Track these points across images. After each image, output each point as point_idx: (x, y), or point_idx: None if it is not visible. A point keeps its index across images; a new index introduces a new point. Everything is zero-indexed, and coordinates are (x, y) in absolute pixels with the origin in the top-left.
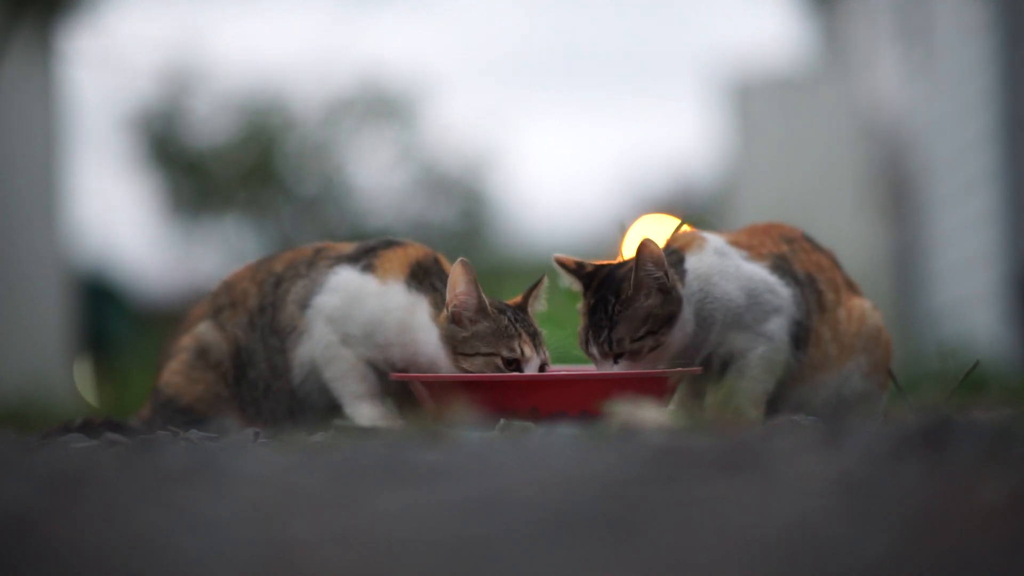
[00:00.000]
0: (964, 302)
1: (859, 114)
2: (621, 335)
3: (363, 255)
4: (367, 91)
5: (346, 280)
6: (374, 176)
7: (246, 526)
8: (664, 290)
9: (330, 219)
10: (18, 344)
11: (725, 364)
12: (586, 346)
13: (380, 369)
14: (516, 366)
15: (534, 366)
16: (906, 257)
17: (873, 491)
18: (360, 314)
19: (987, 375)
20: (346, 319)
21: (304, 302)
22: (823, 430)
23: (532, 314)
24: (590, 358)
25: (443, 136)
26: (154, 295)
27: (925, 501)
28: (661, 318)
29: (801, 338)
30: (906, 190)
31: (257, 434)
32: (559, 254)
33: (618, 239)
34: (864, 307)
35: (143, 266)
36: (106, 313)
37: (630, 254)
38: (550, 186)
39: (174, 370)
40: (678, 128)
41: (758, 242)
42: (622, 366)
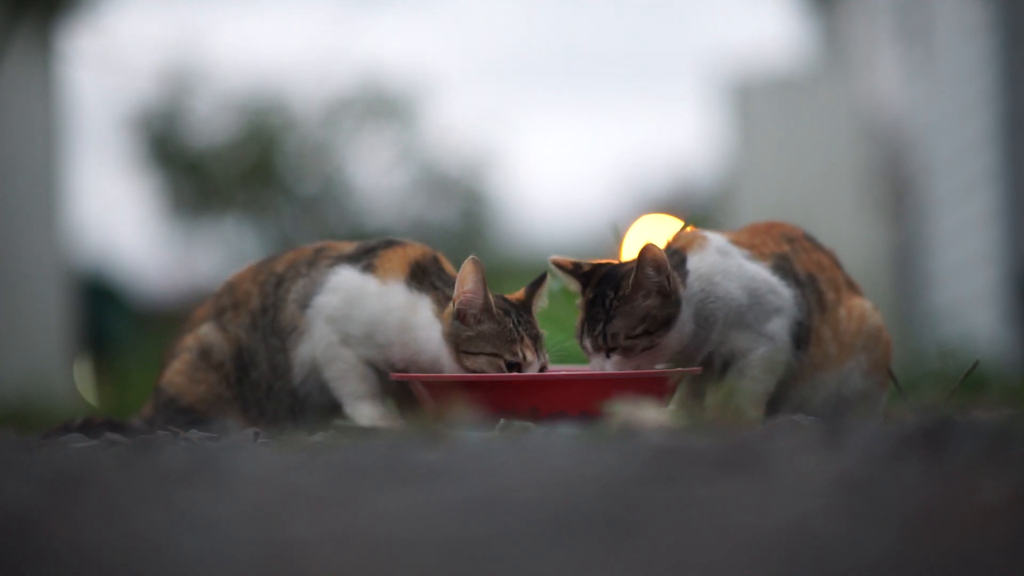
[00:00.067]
0: (964, 302)
1: (859, 114)
2: (616, 330)
3: (363, 255)
4: (367, 91)
5: (346, 280)
6: (374, 176)
7: (246, 526)
8: (664, 293)
9: (330, 219)
10: (18, 344)
11: (726, 364)
12: (580, 338)
13: (380, 369)
14: (517, 369)
15: (534, 368)
16: (906, 257)
17: (873, 491)
18: (361, 314)
19: (987, 375)
20: (346, 319)
21: (305, 302)
22: (823, 430)
23: (535, 312)
24: (582, 351)
25: (443, 136)
26: (154, 295)
27: (925, 501)
28: (659, 320)
29: (802, 338)
30: (906, 190)
31: (257, 434)
32: (555, 256)
33: (613, 243)
34: (864, 307)
35: (143, 266)
36: (106, 313)
37: (629, 256)
38: (550, 186)
39: (176, 370)
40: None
41: (760, 241)
42: (613, 362)
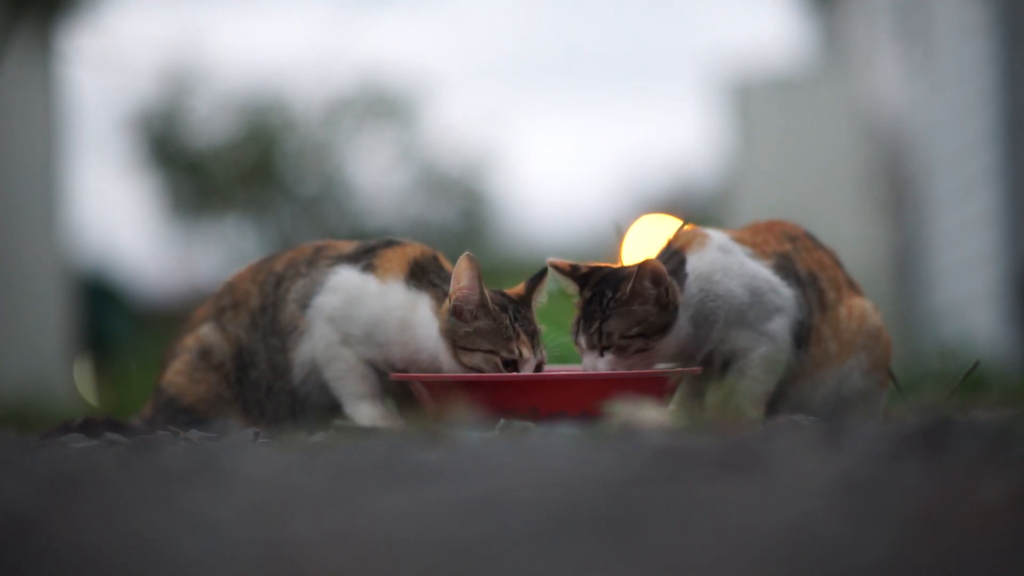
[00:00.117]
0: (964, 302)
1: (859, 114)
2: (611, 329)
3: (363, 255)
4: (367, 91)
5: (346, 280)
6: (374, 176)
7: (246, 526)
8: (661, 303)
9: (330, 219)
10: (18, 344)
11: (726, 363)
12: (575, 335)
13: (380, 369)
14: (514, 366)
15: (531, 365)
16: (906, 257)
17: (873, 491)
18: (361, 314)
19: (987, 375)
20: (347, 319)
21: (304, 302)
22: (823, 430)
23: (535, 307)
24: (577, 348)
25: (443, 136)
26: (154, 295)
27: (925, 501)
28: (655, 325)
29: (803, 337)
30: (906, 190)
31: (257, 434)
32: (553, 258)
33: (616, 242)
34: (865, 306)
35: (143, 266)
36: (106, 313)
37: (629, 258)
38: (550, 186)
39: (177, 370)
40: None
41: (762, 240)
42: (607, 361)
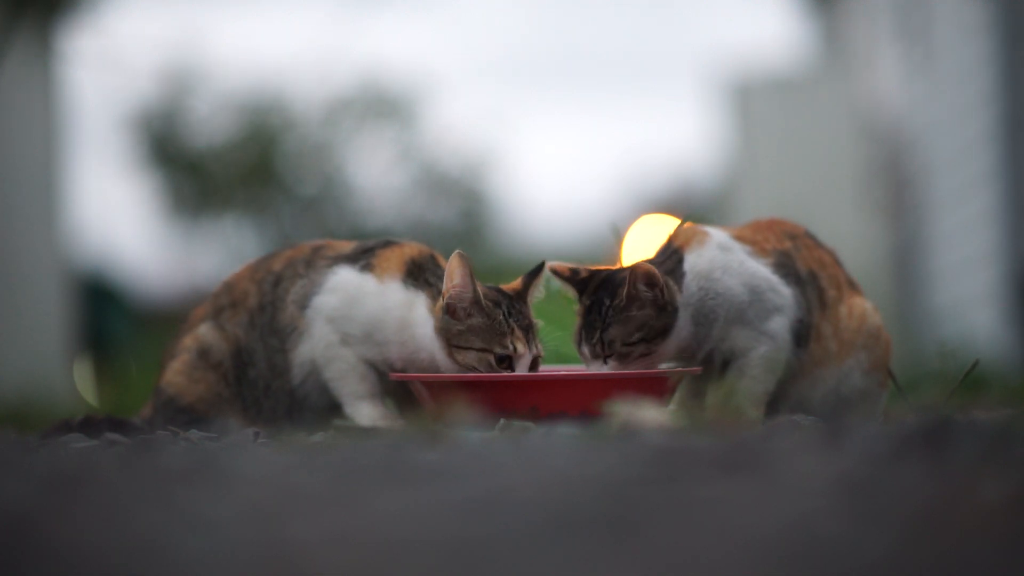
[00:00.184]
0: (964, 302)
1: (859, 114)
2: (613, 337)
3: (361, 255)
4: (367, 91)
5: (345, 280)
6: (374, 176)
7: (246, 526)
8: (659, 306)
9: (330, 219)
10: (18, 344)
11: (726, 362)
12: (578, 345)
13: (380, 369)
14: (508, 362)
15: (526, 361)
16: (906, 257)
17: (873, 491)
18: (360, 314)
19: (987, 375)
20: (346, 319)
21: (303, 302)
22: (823, 430)
23: (531, 302)
24: (581, 357)
25: (443, 136)
26: (154, 295)
27: (925, 501)
28: (656, 329)
29: (803, 336)
30: (906, 190)
31: (257, 434)
32: (552, 262)
33: (614, 243)
34: (865, 306)
35: (143, 266)
36: (106, 313)
37: (628, 260)
38: (550, 186)
39: (176, 370)
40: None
41: (762, 238)
42: (611, 367)
